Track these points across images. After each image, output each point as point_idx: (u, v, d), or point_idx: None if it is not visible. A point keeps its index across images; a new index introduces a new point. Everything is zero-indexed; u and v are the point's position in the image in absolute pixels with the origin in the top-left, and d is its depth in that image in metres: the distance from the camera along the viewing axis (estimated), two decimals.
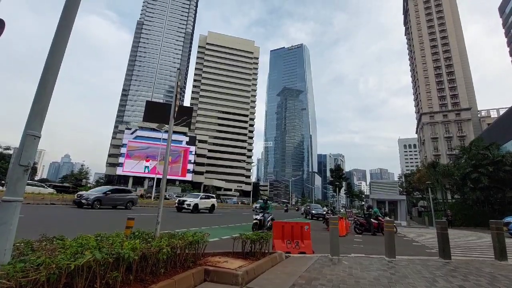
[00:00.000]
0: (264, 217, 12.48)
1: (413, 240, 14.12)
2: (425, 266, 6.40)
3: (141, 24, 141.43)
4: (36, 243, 3.10)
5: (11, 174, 2.67)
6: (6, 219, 2.49)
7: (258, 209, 13.43)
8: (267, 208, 13.16)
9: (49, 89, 2.90)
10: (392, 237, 7.52)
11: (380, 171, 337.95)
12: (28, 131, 2.69)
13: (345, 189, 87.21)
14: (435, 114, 75.03)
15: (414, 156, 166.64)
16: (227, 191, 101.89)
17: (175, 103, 5.33)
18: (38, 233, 3.55)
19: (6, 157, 50.92)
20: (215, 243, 8.06)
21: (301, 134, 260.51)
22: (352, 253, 8.08)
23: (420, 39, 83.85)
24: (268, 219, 12.45)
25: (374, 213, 16.26)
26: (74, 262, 2.42)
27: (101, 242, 3.17)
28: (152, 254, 3.40)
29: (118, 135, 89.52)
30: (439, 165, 42.75)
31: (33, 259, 2.36)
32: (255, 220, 12.26)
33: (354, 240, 12.60)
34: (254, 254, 5.45)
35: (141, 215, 16.32)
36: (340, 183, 69.50)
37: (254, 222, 12.26)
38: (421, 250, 10.39)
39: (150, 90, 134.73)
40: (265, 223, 12.17)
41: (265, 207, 13.21)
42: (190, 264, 4.19)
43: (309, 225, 8.01)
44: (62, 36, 3.05)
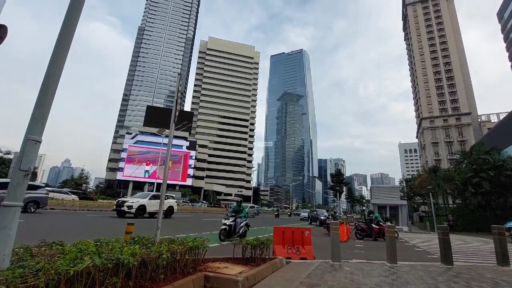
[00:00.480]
0: (235, 222, 10.44)
1: (414, 246, 14.01)
2: (427, 272, 6.34)
3: (143, 29, 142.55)
4: (35, 248, 3.08)
5: (12, 178, 2.67)
6: (6, 224, 2.49)
7: (230, 212, 11.05)
8: (240, 212, 11.01)
9: (51, 94, 2.91)
10: (394, 242, 7.47)
11: (380, 175, 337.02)
12: (29, 136, 2.69)
13: (345, 194, 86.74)
14: (435, 118, 75.09)
15: (415, 160, 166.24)
16: (227, 196, 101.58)
17: (176, 107, 5.34)
18: None
19: (6, 161, 50.93)
20: (215, 249, 8.01)
21: (302, 139, 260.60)
22: (353, 259, 8.02)
23: (419, 44, 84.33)
24: (240, 225, 10.50)
25: (375, 218, 16.17)
26: (73, 267, 2.40)
27: (100, 247, 3.15)
28: (151, 260, 3.37)
29: (118, 139, 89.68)
30: (440, 170, 42.62)
31: (32, 264, 2.34)
32: (224, 226, 10.27)
33: (355, 245, 12.50)
34: (254, 260, 5.41)
35: (140, 220, 16.26)
36: (341, 188, 69.15)
37: (222, 228, 10.27)
38: (423, 256, 10.31)
39: (151, 95, 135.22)
40: (236, 230, 10.21)
41: (238, 210, 11.04)
42: (190, 270, 4.16)
43: (310, 230, 7.96)
44: (64, 42, 3.07)
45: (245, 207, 11.50)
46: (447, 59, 78.89)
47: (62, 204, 21.93)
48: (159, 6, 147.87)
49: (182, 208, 37.52)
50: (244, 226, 10.87)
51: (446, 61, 78.81)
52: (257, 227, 18.65)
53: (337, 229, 7.40)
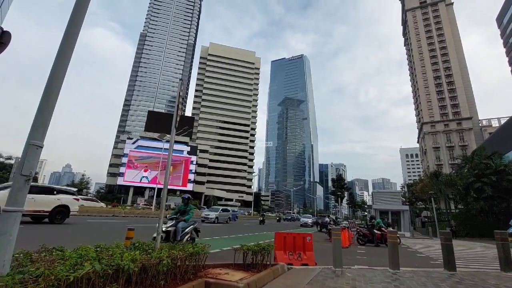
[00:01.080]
0: (176, 228, 7.56)
1: (417, 251, 13.89)
2: (430, 278, 6.27)
3: (144, 36, 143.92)
4: (35, 254, 3.07)
5: (13, 184, 2.67)
6: (6, 229, 2.48)
7: (172, 214, 8.15)
8: (185, 213, 8.11)
9: (53, 99, 2.93)
10: (396, 248, 7.41)
11: (382, 180, 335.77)
12: (31, 141, 2.70)
13: (347, 199, 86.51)
14: (436, 123, 75.07)
15: (416, 165, 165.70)
16: (228, 201, 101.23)
17: (177, 113, 5.36)
18: None
19: (7, 167, 50.99)
20: (216, 254, 7.95)
21: (302, 144, 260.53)
22: (355, 265, 7.94)
23: (419, 50, 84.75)
24: (184, 231, 7.66)
25: (377, 224, 16.06)
26: (73, 273, 2.39)
27: (100, 253, 3.13)
28: (152, 266, 3.34)
29: (119, 144, 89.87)
30: (441, 175, 42.45)
31: (32, 270, 2.33)
32: (163, 233, 7.28)
33: (357, 251, 12.40)
34: (255, 266, 5.37)
35: (140, 225, 16.20)
36: (342, 193, 68.95)
37: (156, 235, 6.70)
38: (426, 262, 10.20)
39: (152, 100, 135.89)
40: (176, 236, 7.40)
41: (183, 211, 8.17)
42: (191, 276, 4.12)
43: (311, 236, 7.91)
44: (66, 48, 3.10)
45: (191, 208, 8.52)
46: (447, 64, 79.17)
47: None
48: (160, 12, 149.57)
49: None
50: (189, 232, 8.00)
51: (446, 66, 79.08)
52: (258, 233, 18.56)
53: (338, 234, 7.35)
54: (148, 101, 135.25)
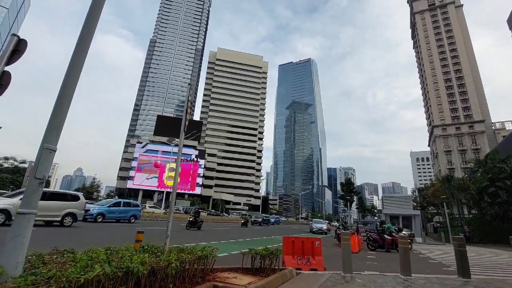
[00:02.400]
0: None
1: (429, 258, 13.55)
2: (443, 286, 6.11)
3: (154, 42, 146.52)
4: (47, 256, 3.12)
5: (27, 187, 2.73)
6: (20, 231, 2.53)
7: None
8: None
9: (66, 105, 3.00)
10: (407, 254, 7.25)
11: (392, 185, 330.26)
12: (44, 144, 2.77)
13: (356, 203, 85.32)
14: (448, 126, 73.63)
15: (428, 169, 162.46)
16: (236, 205, 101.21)
17: (186, 117, 5.41)
18: None
19: (21, 170, 52.31)
20: (224, 258, 7.93)
21: (310, 148, 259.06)
22: (365, 271, 7.79)
23: (428, 52, 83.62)
24: None
25: (388, 229, 15.77)
26: (84, 275, 2.42)
27: (110, 255, 3.16)
28: (161, 269, 3.36)
29: (129, 148, 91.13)
30: (454, 179, 41.48)
31: (44, 272, 2.37)
32: None
33: (367, 256, 12.17)
34: (263, 270, 5.33)
35: (147, 229, 16.31)
36: (351, 198, 68.04)
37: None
38: (438, 268, 9.94)
39: (161, 105, 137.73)
40: None
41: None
42: (199, 279, 4.12)
43: (320, 240, 7.82)
44: (79, 55, 3.18)
45: None
46: (457, 66, 77.82)
47: None
48: (170, 18, 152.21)
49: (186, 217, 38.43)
50: None
51: (456, 68, 77.73)
52: (266, 237, 18.46)
53: (348, 239, 7.25)
54: (157, 105, 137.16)
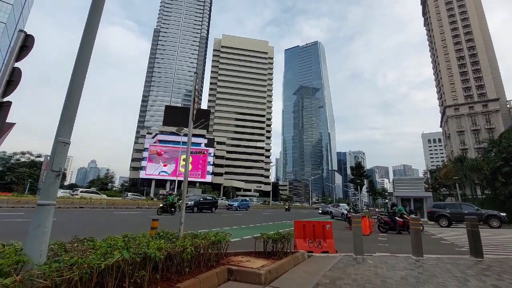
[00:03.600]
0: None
1: (441, 238, 13.52)
2: (456, 265, 6.12)
3: (158, 31, 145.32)
4: (68, 244, 3.26)
5: (45, 179, 2.83)
6: (41, 222, 2.64)
7: None
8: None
9: (76, 98, 3.05)
10: (419, 235, 7.26)
11: (403, 167, 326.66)
12: (58, 138, 2.84)
13: (367, 187, 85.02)
14: (460, 106, 71.51)
15: (440, 151, 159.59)
16: (246, 191, 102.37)
17: (194, 106, 5.43)
18: None
19: (38, 164, 53.94)
20: (237, 243, 8.12)
21: (319, 132, 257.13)
22: (376, 252, 7.86)
23: (440, 29, 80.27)
24: None
25: (399, 211, 15.73)
26: (104, 262, 2.53)
27: (128, 242, 3.29)
28: (176, 254, 3.50)
29: (140, 139, 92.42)
30: (466, 160, 40.72)
31: (66, 259, 2.48)
32: None
33: (378, 239, 12.24)
34: (276, 254, 5.45)
35: (163, 216, 16.76)
36: (362, 181, 67.76)
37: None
38: (451, 249, 9.93)
39: (169, 95, 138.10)
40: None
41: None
42: (214, 263, 4.26)
43: (331, 224, 7.89)
44: (86, 47, 3.19)
45: None
46: (471, 43, 74.61)
47: (90, 203, 23.09)
48: (172, 7, 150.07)
49: None
50: None
51: (470, 45, 74.57)
52: (278, 222, 18.72)
53: (359, 222, 7.29)
54: (165, 96, 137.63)
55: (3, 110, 3.08)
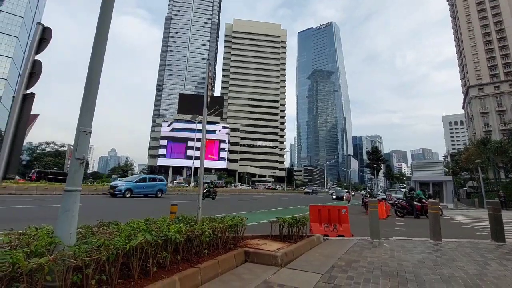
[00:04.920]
0: None
1: (461, 223, 13.26)
2: (476, 249, 6.02)
3: (169, 19, 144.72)
4: (95, 227, 3.47)
5: (70, 167, 2.98)
6: (69, 206, 2.81)
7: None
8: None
9: (94, 88, 3.14)
10: (438, 219, 7.15)
11: (422, 151, 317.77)
12: (80, 127, 2.96)
13: (384, 171, 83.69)
14: (485, 86, 67.78)
15: (461, 133, 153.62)
16: (261, 177, 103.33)
17: (207, 93, 5.46)
18: None
19: (62, 153, 56.42)
20: (253, 227, 8.30)
21: (334, 117, 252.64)
22: (393, 236, 7.83)
23: (465, 3, 75.22)
24: None
25: (417, 196, 15.47)
26: (128, 243, 2.68)
27: (150, 226, 3.46)
28: (196, 237, 3.66)
29: (156, 128, 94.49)
30: (490, 142, 39.00)
31: (94, 241, 2.65)
32: None
33: (395, 223, 12.16)
34: (291, 237, 5.55)
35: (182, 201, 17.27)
36: (378, 166, 66.69)
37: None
38: (471, 233, 9.74)
39: (182, 83, 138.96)
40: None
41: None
42: (231, 246, 4.41)
43: (346, 208, 7.89)
44: (100, 39, 3.25)
45: None
46: (498, 17, 69.60)
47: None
48: None
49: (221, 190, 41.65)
50: None
51: (497, 20, 69.63)
52: (293, 206, 18.89)
53: (375, 206, 7.25)
54: (178, 84, 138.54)
55: (27, 101, 3.22)
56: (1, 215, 8.67)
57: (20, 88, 3.18)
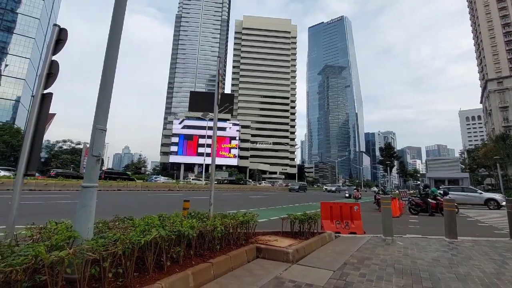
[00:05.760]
0: None
1: (478, 221, 12.88)
2: (493, 248, 5.86)
3: (180, 17, 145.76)
4: (111, 222, 3.57)
5: (87, 164, 3.07)
6: (87, 202, 2.91)
7: None
8: None
9: (109, 87, 3.21)
10: (453, 216, 6.97)
11: (437, 147, 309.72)
12: (96, 126, 3.05)
13: (397, 168, 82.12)
14: (504, 79, 65.19)
15: (479, 129, 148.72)
16: (272, 174, 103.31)
17: (218, 90, 5.50)
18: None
19: (78, 151, 58.05)
20: (264, 224, 8.34)
21: (346, 113, 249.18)
22: (407, 234, 7.70)
23: None
24: None
25: (432, 193, 15.11)
26: (143, 238, 2.76)
27: (163, 221, 3.54)
28: (208, 232, 3.72)
29: (168, 125, 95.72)
30: (510, 138, 37.61)
31: (110, 235, 2.73)
32: None
33: (409, 221, 11.94)
34: (303, 234, 5.54)
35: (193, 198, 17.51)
36: (392, 162, 65.38)
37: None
38: (488, 231, 9.46)
39: (193, 81, 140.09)
40: None
41: None
42: (243, 242, 4.46)
43: (358, 205, 7.81)
44: (114, 39, 3.31)
45: None
46: None
47: (127, 186, 24.71)
48: None
49: (230, 187, 41.86)
50: None
51: None
52: (303, 204, 18.84)
53: (388, 203, 7.14)
54: (189, 82, 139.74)
55: (46, 101, 3.33)
56: (22, 210, 9.03)
57: (39, 88, 3.30)
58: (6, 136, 52.38)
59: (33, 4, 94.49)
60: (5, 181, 17.98)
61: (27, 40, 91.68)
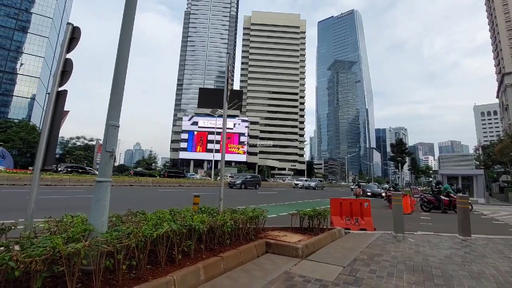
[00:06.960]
0: None
1: (492, 218, 12.59)
2: (508, 246, 5.72)
3: (188, 13, 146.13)
4: (124, 216, 3.66)
5: (100, 159, 3.15)
6: (101, 196, 2.99)
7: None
8: None
9: (121, 84, 3.27)
10: (467, 214, 6.84)
11: (451, 143, 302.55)
12: (109, 122, 3.12)
13: (409, 164, 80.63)
14: None
15: (495, 124, 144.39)
16: (281, 170, 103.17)
17: (227, 87, 5.51)
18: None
19: (91, 147, 59.29)
20: (273, 219, 8.36)
21: (356, 109, 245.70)
22: (418, 231, 7.60)
23: None
24: None
25: (445, 190, 14.83)
26: (155, 232, 2.83)
27: (174, 215, 3.61)
28: (218, 227, 3.78)
29: (177, 122, 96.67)
30: None
31: (124, 229, 2.81)
32: None
33: (420, 218, 11.76)
34: (312, 230, 5.54)
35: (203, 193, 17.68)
36: (403, 159, 64.17)
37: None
38: (503, 229, 9.24)
39: (202, 77, 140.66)
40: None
41: None
42: (252, 237, 4.50)
43: (369, 202, 7.74)
44: (125, 37, 3.35)
45: None
46: None
47: (138, 181, 25.19)
48: None
49: None
50: None
51: None
52: (312, 200, 18.77)
53: (399, 200, 7.05)
54: (198, 78, 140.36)
55: (61, 98, 3.41)
56: (40, 204, 9.33)
57: (54, 85, 3.38)
58: (23, 133, 53.94)
59: (46, 3, 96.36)
60: (22, 176, 18.59)
61: (41, 39, 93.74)
